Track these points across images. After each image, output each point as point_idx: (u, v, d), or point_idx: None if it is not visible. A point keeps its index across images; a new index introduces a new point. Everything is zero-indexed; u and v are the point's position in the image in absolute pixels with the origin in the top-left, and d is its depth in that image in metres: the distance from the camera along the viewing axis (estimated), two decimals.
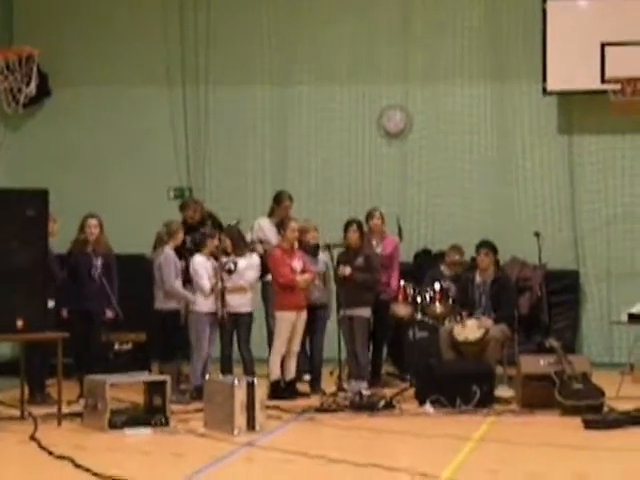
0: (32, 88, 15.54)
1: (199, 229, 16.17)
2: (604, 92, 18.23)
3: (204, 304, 15.31)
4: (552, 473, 11.10)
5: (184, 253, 15.65)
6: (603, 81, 18.27)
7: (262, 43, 19.57)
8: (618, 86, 18.16)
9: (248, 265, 15.60)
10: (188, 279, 15.42)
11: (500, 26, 19.20)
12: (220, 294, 15.33)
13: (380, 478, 10.87)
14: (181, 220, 16.64)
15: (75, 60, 19.29)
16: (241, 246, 15.65)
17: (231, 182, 19.05)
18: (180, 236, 15.73)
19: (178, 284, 15.32)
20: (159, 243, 15.74)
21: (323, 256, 15.95)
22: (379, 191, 18.46)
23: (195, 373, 15.18)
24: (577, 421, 13.29)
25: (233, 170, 19.32)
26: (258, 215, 16.84)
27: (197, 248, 15.54)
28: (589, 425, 13.14)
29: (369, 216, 16.44)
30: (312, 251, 15.85)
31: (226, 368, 15.46)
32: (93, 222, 15.39)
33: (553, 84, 18.69)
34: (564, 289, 18.57)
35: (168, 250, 15.49)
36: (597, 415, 13.58)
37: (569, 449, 12.20)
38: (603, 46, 18.24)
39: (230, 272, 15.36)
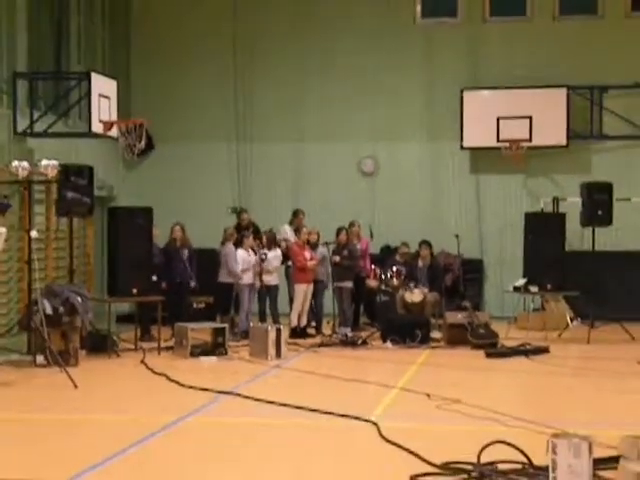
0: (142, 145, 15.59)
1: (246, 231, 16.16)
2: (498, 148, 18.34)
3: (246, 279, 15.30)
4: (467, 382, 11.26)
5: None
6: (498, 141, 18.38)
7: (283, 111, 19.52)
8: (507, 144, 18.29)
9: (274, 256, 15.66)
10: None
11: (434, 106, 19.17)
12: (258, 274, 15.43)
13: (359, 388, 11.00)
14: (236, 224, 16.72)
15: (169, 126, 19.22)
16: (273, 243, 15.75)
17: (266, 204, 18.97)
18: (234, 236, 15.74)
19: (236, 267, 15.26)
20: (225, 240, 15.82)
21: (323, 249, 15.96)
22: (358, 210, 18.40)
23: (242, 322, 15.18)
24: (481, 353, 13.38)
25: (268, 197, 19.27)
26: (283, 223, 16.73)
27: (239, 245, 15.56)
28: (489, 355, 13.24)
29: (351, 225, 16.39)
30: (315, 246, 15.85)
31: (262, 319, 15.55)
32: (177, 227, 15.45)
33: (467, 143, 18.66)
34: (473, 270, 18.45)
35: (229, 244, 15.54)
36: (494, 349, 13.66)
37: (477, 370, 12.33)
38: (498, 119, 18.34)
39: (263, 260, 15.43)
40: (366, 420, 8.63)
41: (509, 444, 6.84)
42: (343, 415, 8.83)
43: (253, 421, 8.88)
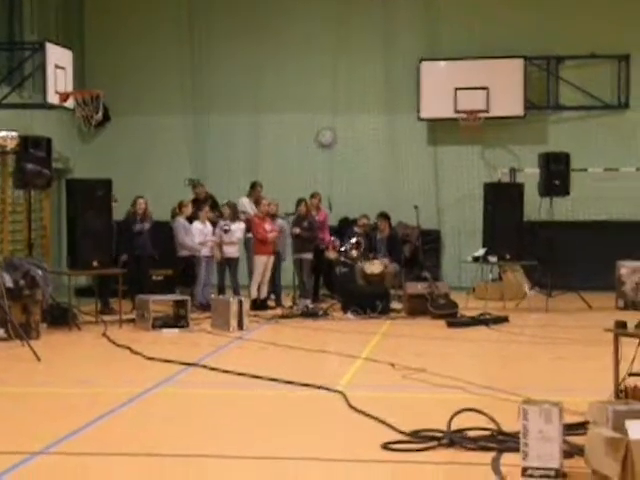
0: (100, 116, 15.45)
1: (203, 204, 16.10)
2: (456, 119, 18.45)
3: (203, 252, 15.24)
4: (430, 352, 11.32)
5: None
6: (455, 112, 18.48)
7: (244, 80, 19.42)
8: (464, 115, 18.40)
9: (237, 228, 15.64)
10: None
11: (392, 78, 19.20)
12: (218, 245, 15.41)
13: (323, 358, 11.12)
14: (193, 197, 16.64)
15: (124, 97, 19.02)
16: (235, 215, 15.72)
17: (223, 176, 18.86)
18: (189, 209, 15.66)
19: (187, 240, 15.17)
20: (174, 214, 15.73)
21: (282, 221, 15.96)
22: (316, 181, 18.44)
23: (198, 295, 15.12)
24: (442, 323, 13.52)
25: (225, 168, 19.15)
26: (241, 196, 16.68)
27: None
28: (450, 325, 13.38)
29: (311, 196, 16.48)
30: (275, 218, 15.80)
31: (221, 291, 15.54)
32: (141, 200, 15.30)
33: (425, 114, 18.77)
34: (432, 241, 18.62)
35: (179, 218, 15.44)
36: (454, 319, 13.81)
37: (438, 339, 12.46)
38: (455, 90, 18.44)
39: (226, 232, 15.40)
40: (333, 390, 8.69)
41: (478, 411, 6.96)
42: (310, 385, 8.89)
43: (220, 392, 8.91)
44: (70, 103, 15.30)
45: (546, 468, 5.85)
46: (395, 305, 15.03)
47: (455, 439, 6.72)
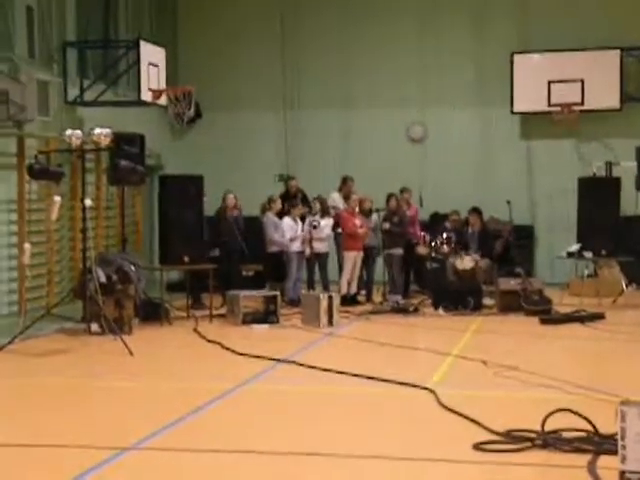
0: (191, 113, 15.59)
1: (293, 198, 16.11)
2: (549, 113, 18.12)
3: (293, 247, 15.28)
4: (522, 349, 11.23)
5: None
6: (549, 105, 18.15)
7: (334, 76, 19.38)
8: (559, 109, 18.06)
9: (326, 224, 15.61)
10: None
11: (484, 71, 18.96)
12: (308, 241, 15.41)
13: (414, 355, 11.04)
14: (282, 192, 16.67)
15: (215, 94, 19.13)
16: (325, 210, 15.70)
17: (314, 171, 18.82)
18: (278, 204, 15.64)
19: (276, 236, 15.21)
20: (264, 209, 15.78)
21: (374, 217, 15.92)
22: (406, 176, 18.22)
23: (289, 291, 15.16)
24: (535, 320, 13.26)
25: (315, 163, 19.12)
26: (331, 191, 16.65)
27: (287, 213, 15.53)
28: (544, 322, 13.12)
29: (402, 191, 16.38)
30: (367, 213, 15.76)
31: (310, 287, 15.52)
32: (231, 196, 15.34)
33: (518, 107, 18.48)
34: (524, 237, 18.24)
35: (268, 214, 15.49)
36: (548, 315, 13.54)
37: (531, 336, 12.25)
38: (549, 83, 18.12)
39: (315, 227, 15.40)
40: (424, 388, 8.59)
41: (574, 412, 6.77)
42: (401, 383, 8.80)
43: (312, 389, 8.88)
44: (163, 100, 15.48)
45: None
46: (487, 301, 14.79)
47: (549, 440, 6.55)
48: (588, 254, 15.14)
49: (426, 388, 8.56)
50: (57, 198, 11.61)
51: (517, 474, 6.17)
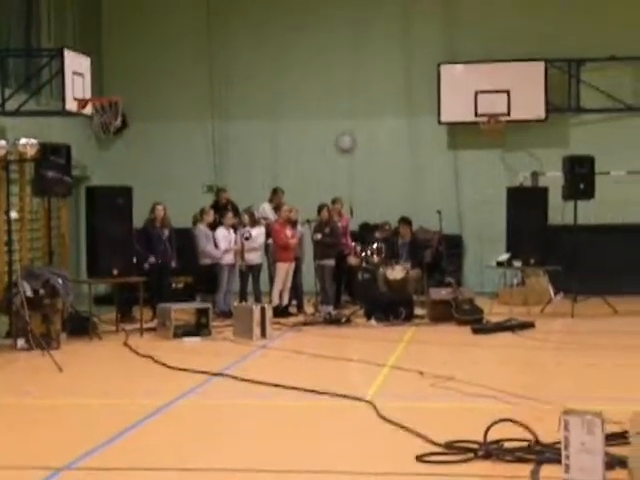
0: (118, 123, 15.35)
1: (224, 210, 15.99)
2: (476, 123, 18.29)
3: (226, 259, 15.18)
4: (457, 359, 11.25)
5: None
6: (476, 115, 18.31)
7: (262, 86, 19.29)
8: (485, 119, 18.23)
9: (258, 234, 15.52)
10: None
11: (411, 81, 19.03)
12: (240, 252, 15.30)
13: (349, 366, 10.98)
14: (212, 203, 16.54)
15: (142, 104, 18.86)
16: (254, 221, 15.61)
17: (244, 182, 18.70)
18: (211, 216, 15.54)
19: (209, 247, 15.10)
20: (195, 221, 15.63)
21: (302, 227, 15.83)
22: (336, 187, 18.21)
23: (220, 303, 15.03)
24: (467, 329, 13.31)
25: (245, 175, 18.97)
26: (261, 202, 16.55)
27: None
28: (476, 331, 13.17)
29: (333, 202, 16.31)
30: (296, 224, 15.71)
31: (243, 298, 15.38)
32: (160, 207, 15.10)
33: (445, 117, 18.56)
34: (453, 246, 18.18)
35: (200, 226, 15.35)
36: (480, 325, 13.60)
37: (464, 346, 12.32)
38: (476, 93, 18.28)
39: (247, 239, 15.28)
40: (362, 400, 8.53)
41: (516, 422, 6.79)
42: (339, 395, 8.74)
43: (247, 403, 8.79)
44: (88, 110, 15.19)
45: None
46: (418, 311, 14.80)
47: (492, 451, 6.55)
48: (517, 263, 15.30)
49: (364, 400, 8.51)
50: None
51: None
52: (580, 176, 15.31)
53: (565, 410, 5.93)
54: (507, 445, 6.65)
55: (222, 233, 15.22)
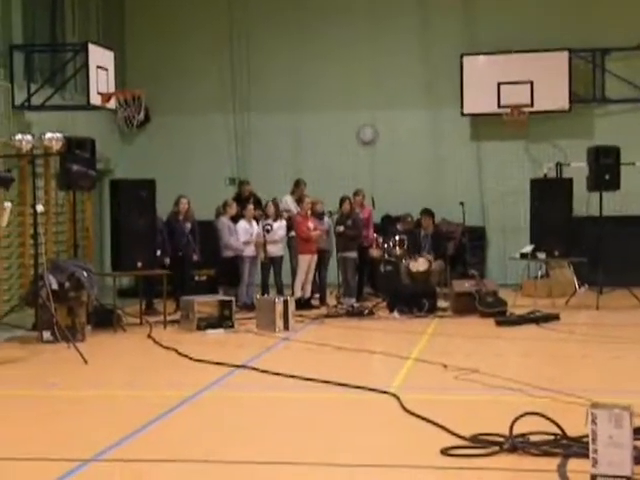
0: (141, 116, 15.37)
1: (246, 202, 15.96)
2: (499, 114, 18.16)
3: (247, 251, 15.17)
4: (481, 352, 11.17)
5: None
6: (499, 107, 18.19)
7: (284, 78, 19.26)
8: (508, 110, 18.11)
9: (279, 226, 15.50)
10: None
11: (433, 73, 18.93)
12: (262, 245, 15.28)
13: (373, 359, 10.93)
14: (234, 195, 16.53)
15: (165, 97, 18.89)
16: (279, 212, 15.58)
17: (266, 174, 18.66)
18: (234, 209, 15.52)
19: (232, 240, 15.10)
20: (218, 213, 15.63)
21: (327, 219, 15.83)
22: (358, 179, 18.18)
23: (242, 295, 15.02)
24: (491, 321, 13.26)
25: (267, 168, 18.93)
26: (283, 194, 16.53)
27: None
28: (499, 323, 13.11)
29: (355, 194, 16.27)
30: (319, 216, 15.68)
31: (265, 291, 15.36)
32: (184, 200, 15.13)
33: (467, 109, 18.46)
34: (476, 238, 18.21)
35: (222, 218, 15.34)
36: (503, 317, 13.52)
37: (488, 338, 12.23)
38: (499, 85, 18.16)
39: (268, 231, 15.27)
40: (386, 392, 8.48)
41: (543, 415, 6.71)
42: (362, 387, 8.70)
43: (271, 395, 8.75)
44: (112, 104, 15.24)
45: (617, 476, 5.60)
46: (441, 303, 14.76)
47: (518, 444, 6.48)
48: (541, 255, 15.19)
49: (388, 393, 8.45)
50: (7, 204, 11.34)
51: (487, 479, 6.09)
52: (605, 167, 15.18)
53: (592, 403, 5.86)
54: (533, 439, 6.59)
55: (243, 225, 15.21)
